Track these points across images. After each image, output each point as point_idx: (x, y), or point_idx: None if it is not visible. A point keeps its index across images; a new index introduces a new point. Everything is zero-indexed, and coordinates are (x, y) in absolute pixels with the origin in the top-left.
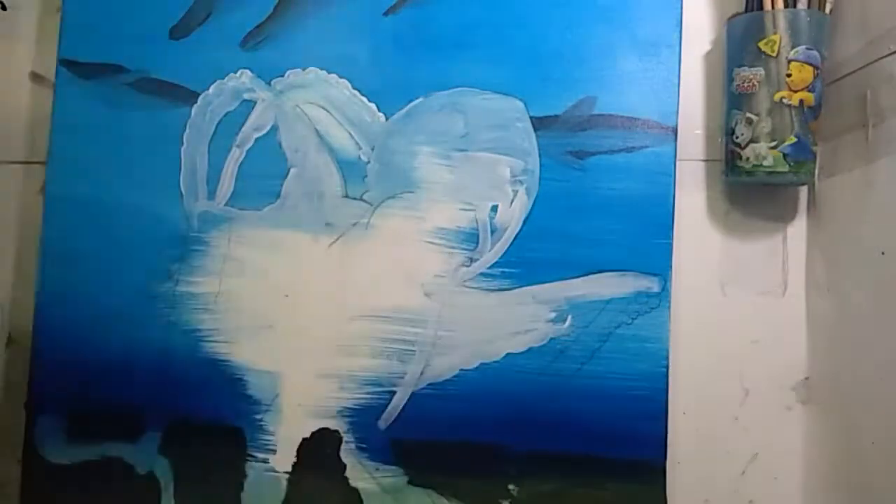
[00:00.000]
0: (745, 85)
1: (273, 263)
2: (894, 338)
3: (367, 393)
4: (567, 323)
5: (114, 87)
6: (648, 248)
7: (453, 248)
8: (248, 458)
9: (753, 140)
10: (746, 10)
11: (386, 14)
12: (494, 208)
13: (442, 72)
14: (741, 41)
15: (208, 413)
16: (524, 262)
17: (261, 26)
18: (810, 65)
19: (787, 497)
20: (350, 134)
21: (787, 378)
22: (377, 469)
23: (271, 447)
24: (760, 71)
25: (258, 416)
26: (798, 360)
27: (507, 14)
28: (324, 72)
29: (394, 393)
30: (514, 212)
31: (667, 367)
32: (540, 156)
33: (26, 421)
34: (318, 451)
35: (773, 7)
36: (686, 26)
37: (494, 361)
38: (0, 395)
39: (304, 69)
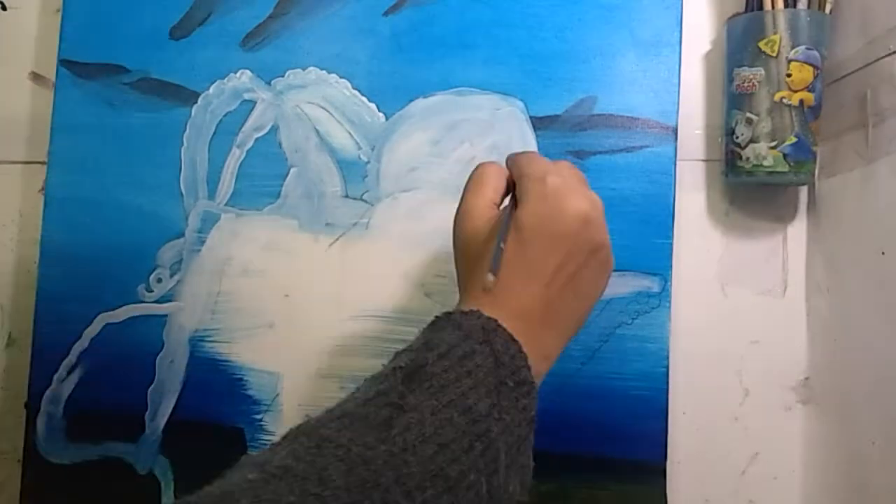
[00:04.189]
0: (745, 85)
1: (273, 263)
2: (894, 338)
3: None
4: None
5: (114, 87)
6: (648, 247)
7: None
8: None
9: (753, 140)
10: (746, 10)
11: (386, 14)
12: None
13: (442, 72)
14: (741, 41)
15: (208, 413)
16: None
17: (261, 26)
18: (810, 65)
19: (787, 497)
20: (350, 134)
21: (787, 378)
22: None
23: None
24: (760, 71)
25: (258, 416)
26: (798, 360)
27: (508, 14)
28: (324, 72)
29: None
30: None
31: (667, 367)
32: None
33: (26, 421)
34: None
35: (773, 7)
36: (686, 26)
37: None
38: (0, 395)
39: (304, 69)
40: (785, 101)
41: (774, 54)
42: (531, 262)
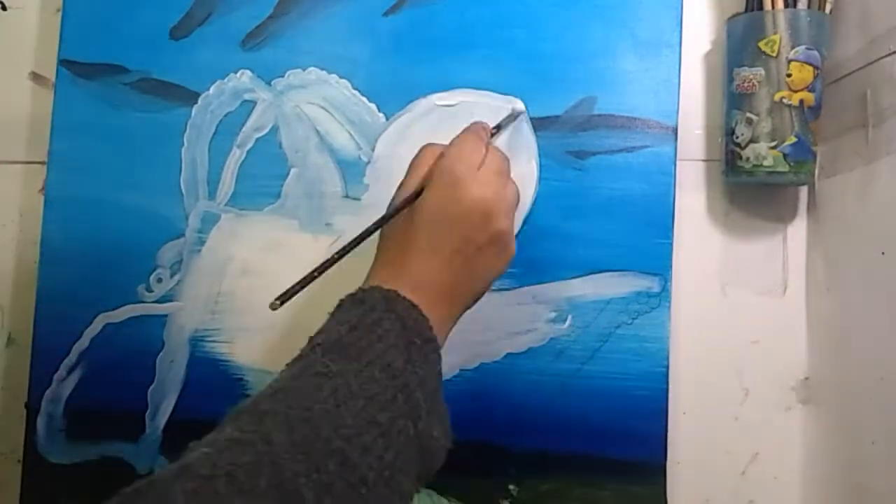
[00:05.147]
0: (745, 85)
1: (273, 263)
2: (894, 338)
3: None
4: (567, 323)
5: (114, 87)
6: (648, 248)
7: None
8: None
9: (753, 140)
10: (746, 10)
11: (386, 14)
12: None
13: (442, 72)
14: (741, 41)
15: (209, 413)
16: (524, 262)
17: (261, 26)
18: (810, 65)
19: (787, 497)
20: (350, 134)
21: (787, 378)
22: None
23: None
24: (760, 71)
25: None
26: (798, 360)
27: (507, 14)
28: (324, 72)
29: None
30: None
31: (667, 367)
32: (540, 156)
33: (26, 421)
34: None
35: (773, 7)
36: (686, 26)
37: (494, 361)
38: (0, 395)
39: (304, 69)
40: (785, 101)
41: (774, 54)
42: (428, 242)
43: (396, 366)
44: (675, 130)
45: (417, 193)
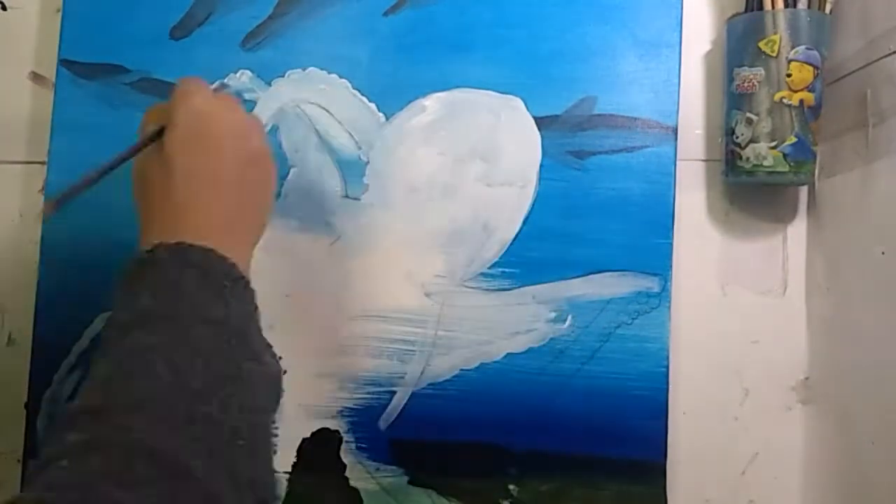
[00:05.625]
0: (745, 85)
1: (273, 263)
2: (894, 338)
3: (368, 393)
4: (567, 323)
5: (114, 87)
6: (648, 248)
7: (453, 247)
8: None
9: (753, 140)
10: (746, 10)
11: (386, 14)
12: (494, 207)
13: (442, 72)
14: (741, 41)
15: None
16: (524, 262)
17: (261, 26)
18: (810, 65)
19: (787, 497)
20: (350, 134)
21: (787, 378)
22: (377, 469)
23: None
24: (760, 71)
25: None
26: (798, 360)
27: (507, 14)
28: (324, 72)
29: (394, 393)
30: (513, 211)
31: (667, 367)
32: (540, 155)
33: (26, 421)
34: (318, 451)
35: (773, 7)
36: (686, 26)
37: (494, 361)
38: (0, 395)
39: (304, 69)
40: (785, 101)
41: (774, 54)
42: (191, 180)
43: (217, 314)
44: (675, 130)
45: (160, 132)
